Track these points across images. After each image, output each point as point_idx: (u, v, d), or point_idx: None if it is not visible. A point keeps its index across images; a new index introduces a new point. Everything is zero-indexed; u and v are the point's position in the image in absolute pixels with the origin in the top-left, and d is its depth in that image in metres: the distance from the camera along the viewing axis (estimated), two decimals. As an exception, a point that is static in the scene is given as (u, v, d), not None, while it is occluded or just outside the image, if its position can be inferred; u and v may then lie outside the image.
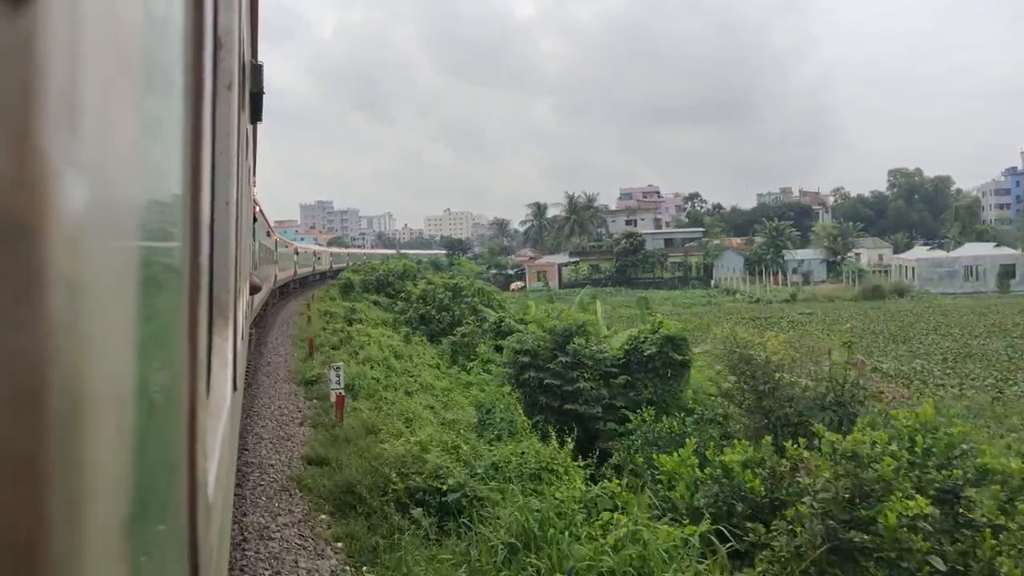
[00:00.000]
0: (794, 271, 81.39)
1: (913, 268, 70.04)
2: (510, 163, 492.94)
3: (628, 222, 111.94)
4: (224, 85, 2.17)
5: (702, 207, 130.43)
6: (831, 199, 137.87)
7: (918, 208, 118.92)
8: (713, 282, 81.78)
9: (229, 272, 2.40)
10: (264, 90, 4.01)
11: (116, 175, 0.53)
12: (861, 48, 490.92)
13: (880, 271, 75.23)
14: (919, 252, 77.05)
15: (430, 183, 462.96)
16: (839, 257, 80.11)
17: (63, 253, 0.41)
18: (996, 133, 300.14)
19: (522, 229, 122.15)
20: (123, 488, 0.55)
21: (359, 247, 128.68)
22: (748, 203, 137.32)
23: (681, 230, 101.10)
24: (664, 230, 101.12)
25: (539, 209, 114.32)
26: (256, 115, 4.19)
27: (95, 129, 0.47)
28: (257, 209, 11.49)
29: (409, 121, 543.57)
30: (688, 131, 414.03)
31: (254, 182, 6.50)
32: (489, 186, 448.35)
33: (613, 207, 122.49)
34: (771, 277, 78.90)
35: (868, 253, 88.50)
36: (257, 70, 3.89)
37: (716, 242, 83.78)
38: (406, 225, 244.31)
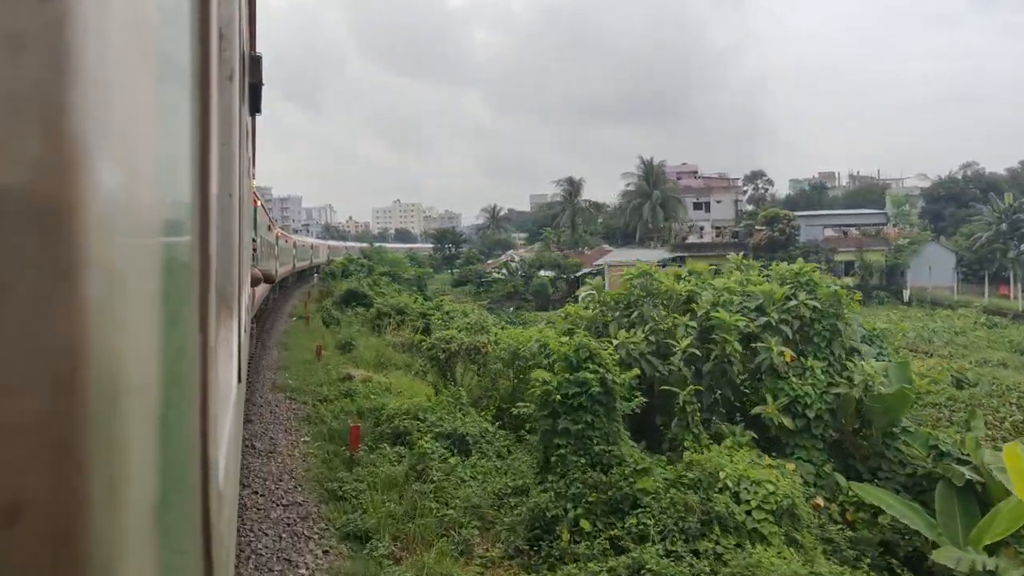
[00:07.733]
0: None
1: None
2: (445, 158, 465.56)
3: (697, 206, 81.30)
4: (226, 76, 2.10)
5: (766, 190, 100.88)
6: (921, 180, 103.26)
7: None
8: (907, 293, 51.77)
9: (233, 265, 2.37)
10: (263, 81, 3.95)
11: (140, 162, 0.53)
12: (801, 48, 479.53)
13: None
14: None
15: (365, 175, 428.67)
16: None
17: (95, 237, 0.40)
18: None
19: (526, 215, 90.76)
20: (151, 474, 0.55)
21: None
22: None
23: (853, 211, 67.84)
24: (830, 211, 69.24)
25: (572, 186, 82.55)
26: (255, 106, 4.13)
27: (122, 115, 0.46)
28: (258, 203, 10.73)
29: (339, 111, 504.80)
30: (622, 128, 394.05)
31: (253, 174, 6.12)
32: (425, 180, 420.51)
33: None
34: (1009, 287, 49.22)
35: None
36: (256, 61, 3.82)
37: (915, 231, 53.27)
38: (351, 217, 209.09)
